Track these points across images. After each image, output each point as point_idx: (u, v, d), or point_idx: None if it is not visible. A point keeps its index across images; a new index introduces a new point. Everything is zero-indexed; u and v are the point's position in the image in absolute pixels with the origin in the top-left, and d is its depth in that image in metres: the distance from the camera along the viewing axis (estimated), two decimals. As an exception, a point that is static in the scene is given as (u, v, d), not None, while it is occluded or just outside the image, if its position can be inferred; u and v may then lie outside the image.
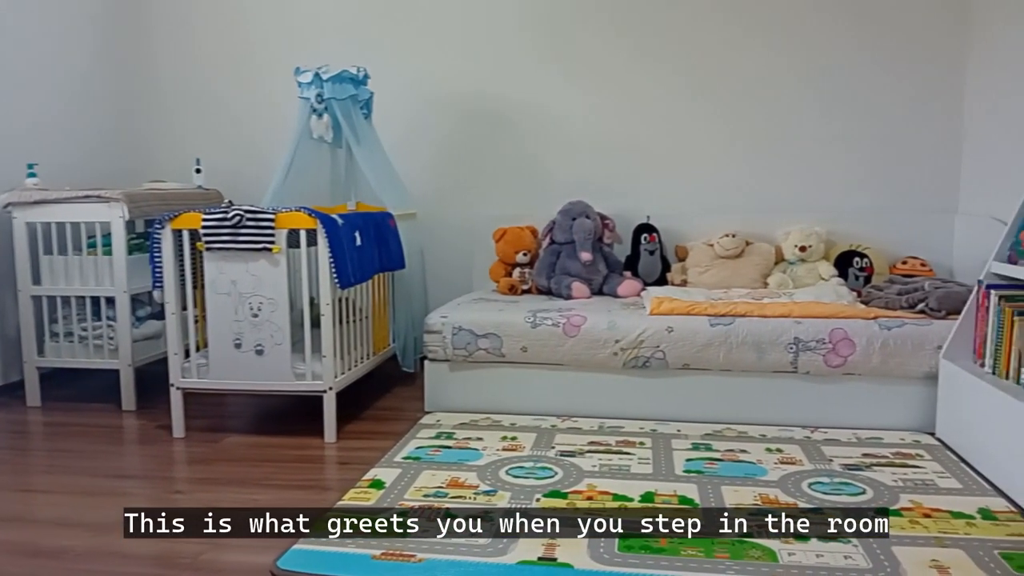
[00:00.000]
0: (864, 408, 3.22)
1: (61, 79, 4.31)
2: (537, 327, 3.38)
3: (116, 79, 4.69)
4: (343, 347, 3.33)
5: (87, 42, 4.49)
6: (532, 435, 3.17)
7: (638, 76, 4.29)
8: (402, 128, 4.46)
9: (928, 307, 3.27)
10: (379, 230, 3.63)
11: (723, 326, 3.26)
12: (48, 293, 3.69)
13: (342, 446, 3.14)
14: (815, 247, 3.91)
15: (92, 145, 4.53)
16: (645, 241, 4.13)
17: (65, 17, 4.33)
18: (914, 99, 4.07)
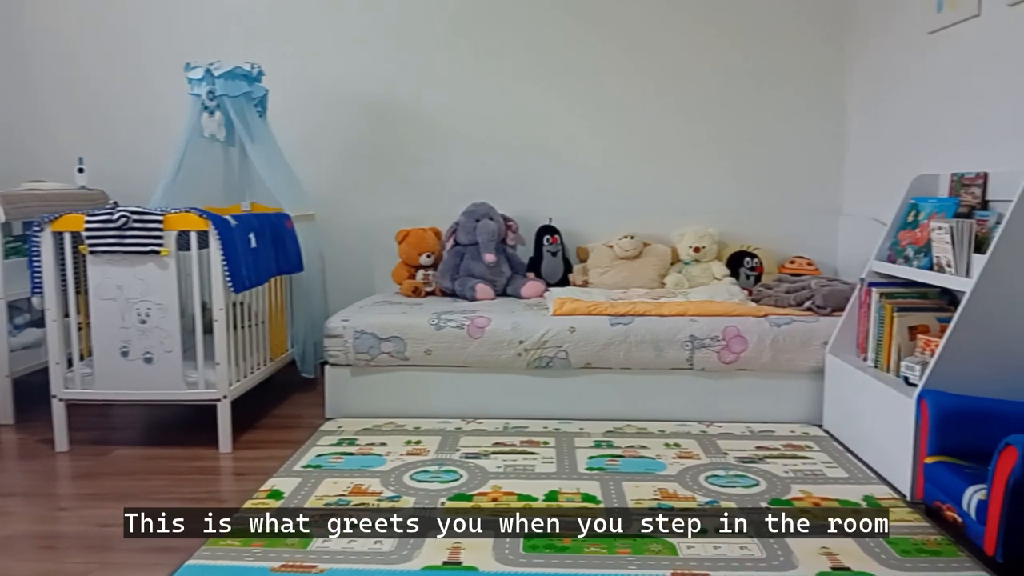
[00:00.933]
0: (756, 402, 3.34)
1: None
2: (441, 329, 3.36)
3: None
4: (238, 354, 3.22)
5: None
6: (437, 438, 3.14)
7: (539, 79, 4.32)
8: (300, 127, 4.35)
9: (814, 304, 3.43)
10: (275, 232, 3.53)
11: (623, 325, 3.33)
12: (-89, 301, 3.42)
13: (238, 456, 3.03)
14: (708, 248, 4.04)
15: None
16: (547, 243, 4.17)
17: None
18: (800, 105, 4.26)
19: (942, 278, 2.69)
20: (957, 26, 3.11)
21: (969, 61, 3.04)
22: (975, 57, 3.00)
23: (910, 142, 3.53)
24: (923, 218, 2.95)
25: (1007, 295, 2.44)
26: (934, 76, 3.31)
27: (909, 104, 3.54)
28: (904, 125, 3.59)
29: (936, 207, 2.91)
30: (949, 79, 3.19)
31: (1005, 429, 2.14)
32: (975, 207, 2.83)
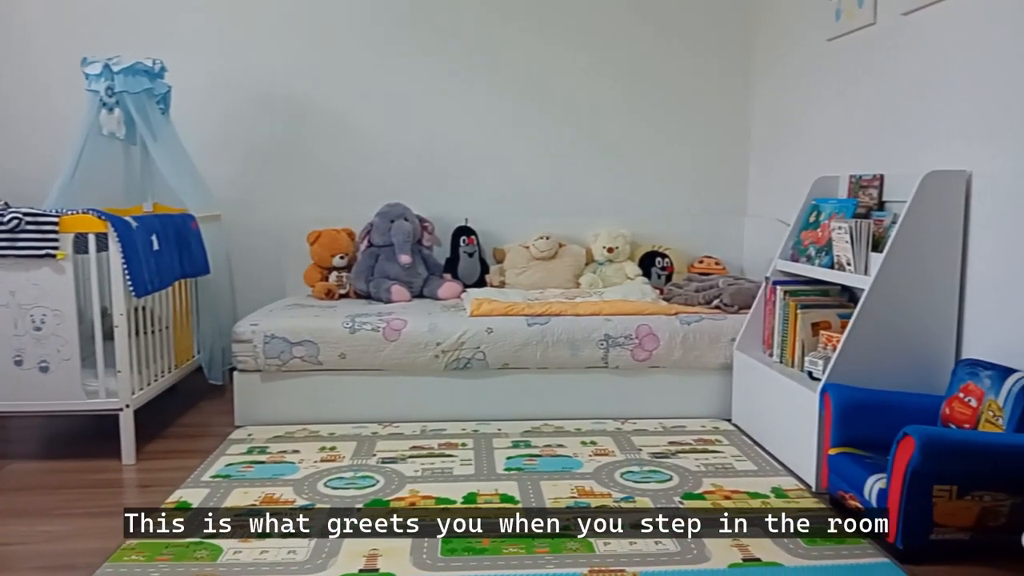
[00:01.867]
0: (669, 398, 3.42)
1: None
2: (356, 332, 3.31)
3: None
4: (141, 361, 3.09)
5: None
6: (352, 444, 3.09)
7: (455, 79, 4.30)
8: (205, 125, 4.20)
9: (722, 303, 3.53)
10: (179, 233, 3.40)
11: (539, 325, 3.34)
12: None
13: (143, 467, 2.91)
14: (621, 248, 4.11)
15: None
16: (464, 243, 4.15)
17: None
18: (708, 110, 4.38)
19: (842, 276, 2.81)
20: (854, 34, 3.25)
21: (865, 67, 3.19)
22: (871, 63, 3.14)
23: (811, 145, 3.67)
24: (824, 218, 3.07)
25: (903, 291, 2.57)
26: (833, 82, 3.45)
27: (810, 108, 3.68)
28: (805, 129, 3.73)
29: (836, 208, 3.04)
30: (847, 84, 3.33)
31: (903, 420, 2.25)
32: (872, 208, 2.96)
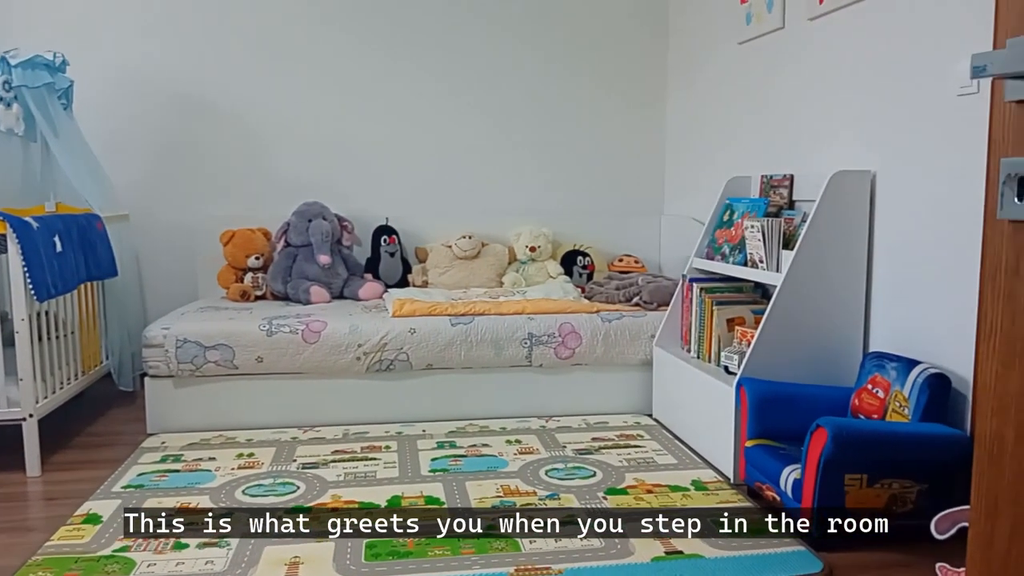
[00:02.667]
0: (591, 395, 3.46)
1: None
2: (273, 335, 3.23)
3: None
4: (44, 368, 2.94)
5: None
6: (271, 450, 3.01)
7: (372, 77, 4.24)
8: (110, 121, 4.03)
9: (642, 300, 3.59)
10: (84, 234, 3.26)
11: (463, 325, 3.33)
12: None
13: (48, 479, 2.77)
14: (543, 247, 4.14)
15: None
16: (385, 243, 4.10)
17: None
18: (625, 111, 4.46)
19: (755, 273, 2.90)
20: (764, 38, 3.36)
21: (775, 70, 3.30)
22: (780, 67, 3.25)
23: (724, 146, 3.78)
24: (737, 217, 3.16)
25: (813, 287, 2.67)
26: (744, 84, 3.56)
27: (722, 110, 3.78)
28: (718, 130, 3.84)
29: (748, 207, 3.13)
30: (757, 87, 3.44)
31: (816, 412, 2.34)
32: (783, 206, 3.07)
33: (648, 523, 2.34)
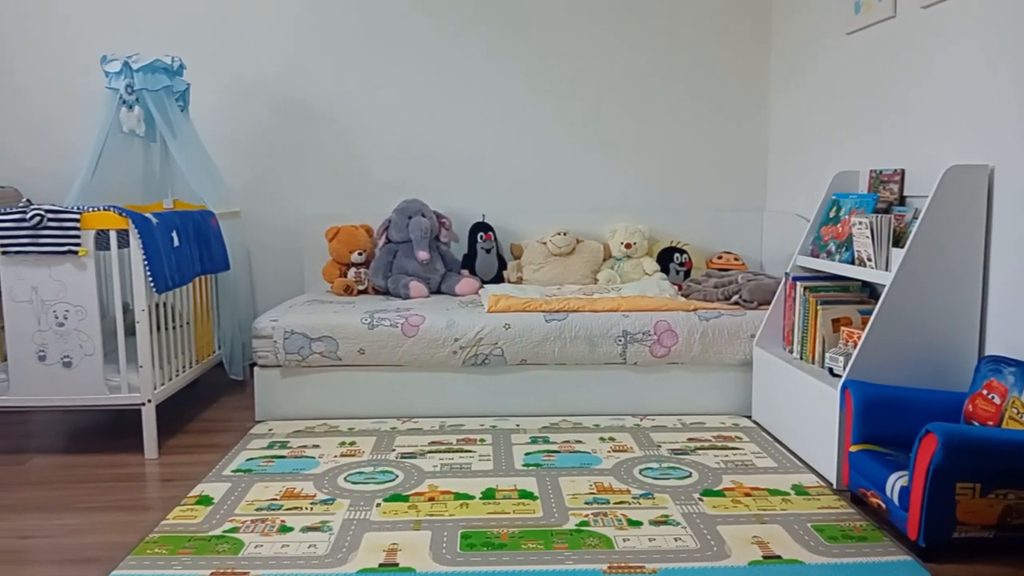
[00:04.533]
0: (687, 395, 3.41)
1: None
2: (375, 328, 3.32)
3: None
4: (162, 356, 3.11)
5: None
6: (371, 439, 3.10)
7: (469, 77, 4.30)
8: (224, 122, 4.23)
9: (742, 298, 3.51)
10: (199, 230, 3.43)
11: (557, 321, 3.34)
12: None
13: (164, 462, 2.93)
14: (639, 244, 4.09)
15: None
16: (481, 239, 4.15)
17: None
18: (726, 106, 4.35)
19: (863, 272, 2.79)
20: (874, 27, 3.22)
21: (885, 60, 3.15)
22: (891, 57, 3.11)
23: (831, 139, 3.64)
24: (844, 214, 3.05)
25: (924, 287, 2.55)
26: (852, 75, 3.42)
27: (829, 102, 3.65)
28: (825, 123, 3.70)
29: (856, 203, 3.01)
30: (867, 78, 3.30)
31: (925, 417, 2.24)
32: (893, 202, 2.94)
33: (746, 526, 2.29)
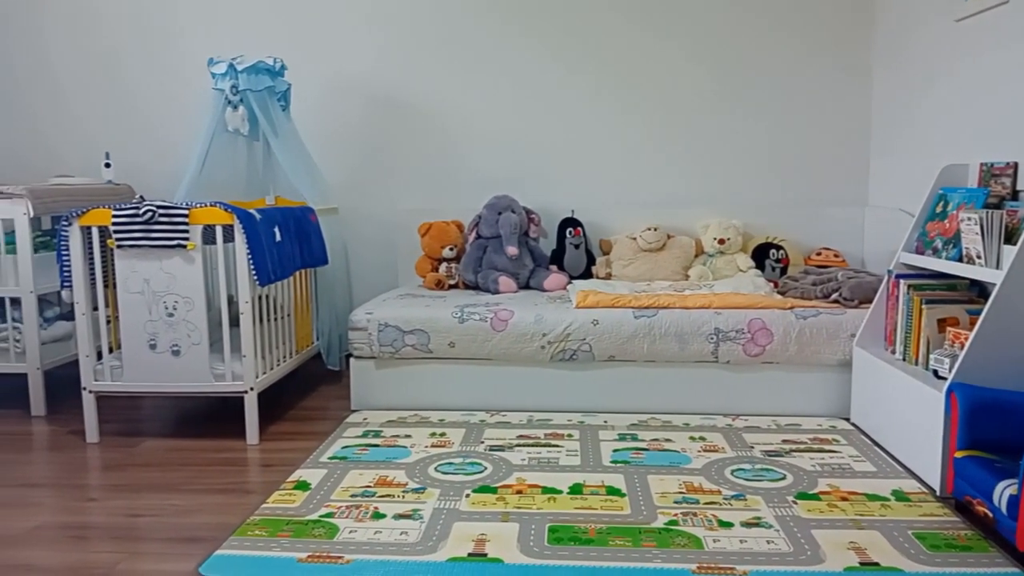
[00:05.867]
0: (782, 395, 3.32)
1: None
2: (465, 322, 3.37)
3: (9, 70, 4.45)
4: (264, 346, 3.24)
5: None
6: (461, 431, 3.15)
7: (561, 70, 4.30)
8: (322, 121, 4.37)
9: (841, 296, 3.39)
10: (300, 225, 3.55)
11: (647, 318, 3.31)
12: (-56, 295, 3.49)
13: (265, 448, 3.06)
14: (733, 240, 4.01)
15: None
16: (570, 235, 4.15)
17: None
18: (825, 95, 4.21)
19: (972, 270, 2.66)
20: (985, 13, 3.06)
21: (998, 49, 2.99)
22: (1004, 45, 2.95)
23: (937, 131, 3.48)
24: (951, 209, 2.91)
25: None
26: (962, 64, 3.25)
27: (936, 93, 3.48)
28: (931, 114, 3.53)
29: (965, 197, 2.87)
30: (977, 67, 3.13)
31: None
32: (1005, 197, 2.78)
33: (842, 531, 2.23)
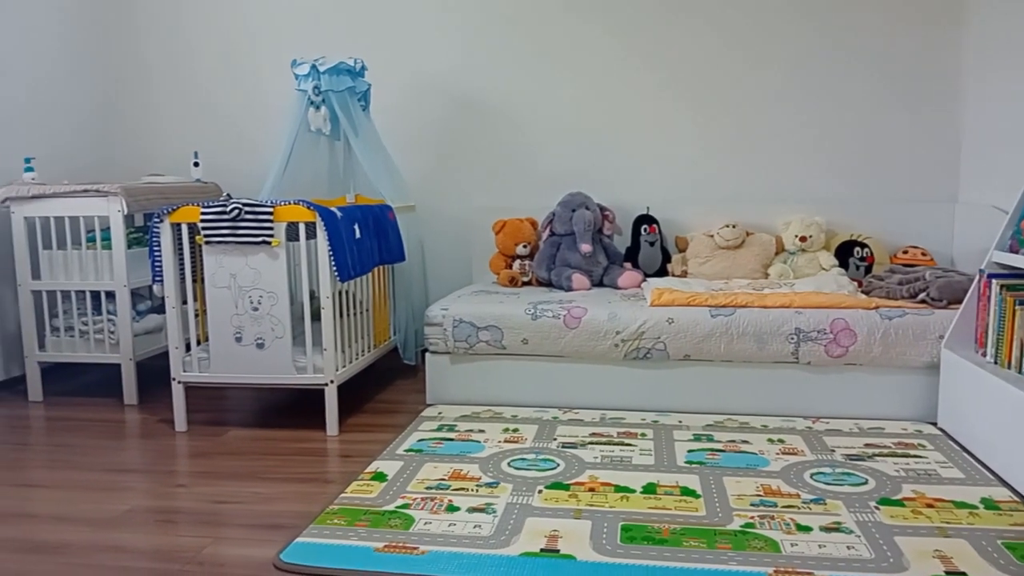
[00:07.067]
0: (866, 398, 3.22)
1: (53, 74, 4.30)
2: (538, 319, 3.38)
3: (106, 74, 4.68)
4: (344, 340, 3.32)
5: (78, 38, 4.47)
6: (534, 427, 3.17)
7: (635, 67, 4.26)
8: (400, 120, 4.45)
9: (929, 296, 3.27)
10: (378, 223, 3.62)
11: (724, 317, 3.26)
12: (48, 288, 3.69)
13: (344, 439, 3.14)
14: (815, 237, 3.90)
15: (86, 140, 4.52)
16: (645, 232, 4.12)
17: (56, 13, 4.31)
18: (912, 87, 4.05)
19: (1073, 269, 2.52)
20: (1093, -1, 2.89)
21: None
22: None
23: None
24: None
25: None
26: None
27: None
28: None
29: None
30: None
31: None
32: (1112, 193, 2.63)
33: (927, 539, 2.15)
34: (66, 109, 4.36)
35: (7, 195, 3.62)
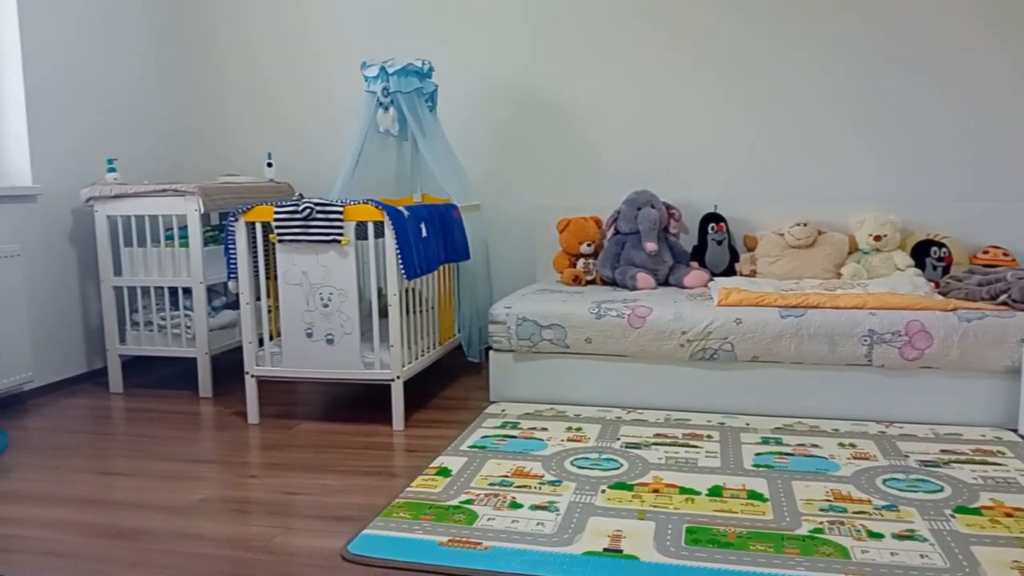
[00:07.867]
0: (942, 403, 3.11)
1: (134, 83, 4.47)
2: (602, 318, 3.37)
3: (183, 82, 4.84)
4: (410, 337, 3.37)
5: (156, 50, 4.65)
6: (597, 426, 3.16)
7: (697, 67, 4.21)
8: (465, 120, 4.49)
9: (1011, 298, 3.14)
10: (444, 222, 3.66)
11: (794, 318, 3.19)
12: (128, 284, 3.84)
13: (409, 434, 3.19)
14: (890, 236, 3.79)
15: (165, 143, 4.69)
16: (712, 231, 4.06)
17: (138, 27, 4.48)
18: (995, 78, 3.90)
19: None
20: None
21: None
22: None
23: None
24: None
25: None
26: None
27: None
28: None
29: None
30: None
31: None
32: None
33: (1005, 549, 2.07)
34: (146, 115, 4.53)
35: (91, 194, 3.79)
